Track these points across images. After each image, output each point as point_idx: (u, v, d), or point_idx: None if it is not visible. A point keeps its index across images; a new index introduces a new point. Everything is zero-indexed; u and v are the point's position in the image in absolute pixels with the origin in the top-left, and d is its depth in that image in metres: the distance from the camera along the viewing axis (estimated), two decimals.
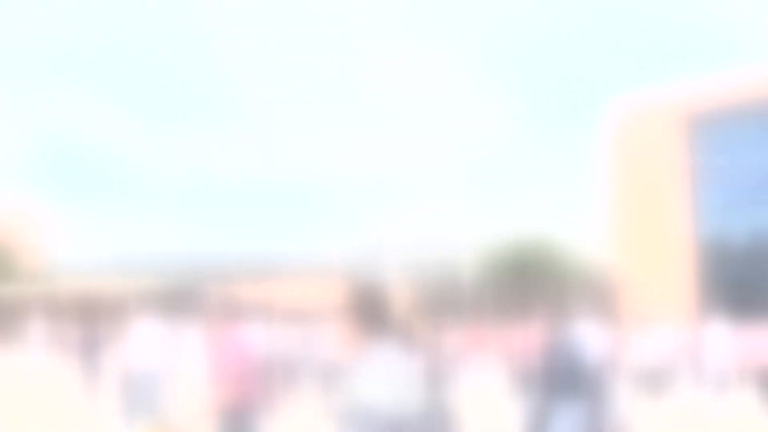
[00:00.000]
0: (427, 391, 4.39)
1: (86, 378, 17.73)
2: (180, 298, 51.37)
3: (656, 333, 19.13)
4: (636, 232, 60.48)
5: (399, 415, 4.18)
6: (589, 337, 7.04)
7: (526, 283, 61.14)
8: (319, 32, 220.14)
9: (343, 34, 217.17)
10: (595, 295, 57.94)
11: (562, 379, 6.68)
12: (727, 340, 15.77)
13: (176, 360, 11.08)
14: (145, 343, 8.90)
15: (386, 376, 4.28)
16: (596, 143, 65.95)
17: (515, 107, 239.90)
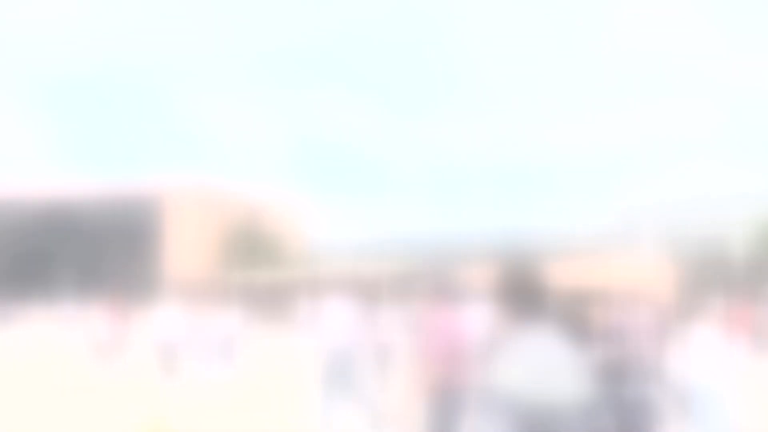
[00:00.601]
0: (591, 384, 3.92)
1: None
2: (424, 280, 52.78)
3: None
4: None
5: (548, 406, 3.81)
6: None
7: None
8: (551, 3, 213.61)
9: None
10: None
11: None
12: None
13: (386, 340, 11.26)
14: (346, 322, 9.09)
15: (537, 363, 3.93)
16: None
17: None
